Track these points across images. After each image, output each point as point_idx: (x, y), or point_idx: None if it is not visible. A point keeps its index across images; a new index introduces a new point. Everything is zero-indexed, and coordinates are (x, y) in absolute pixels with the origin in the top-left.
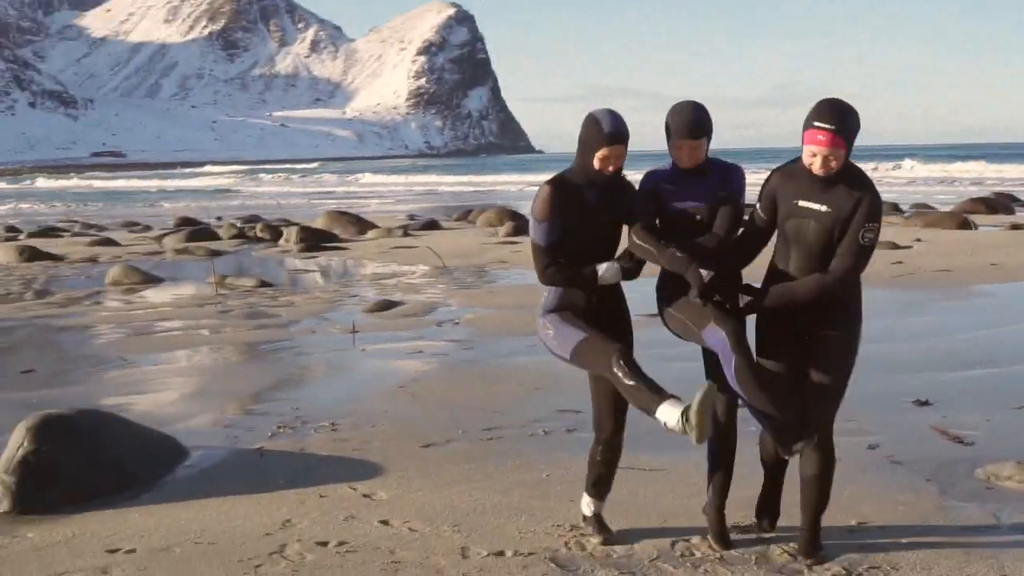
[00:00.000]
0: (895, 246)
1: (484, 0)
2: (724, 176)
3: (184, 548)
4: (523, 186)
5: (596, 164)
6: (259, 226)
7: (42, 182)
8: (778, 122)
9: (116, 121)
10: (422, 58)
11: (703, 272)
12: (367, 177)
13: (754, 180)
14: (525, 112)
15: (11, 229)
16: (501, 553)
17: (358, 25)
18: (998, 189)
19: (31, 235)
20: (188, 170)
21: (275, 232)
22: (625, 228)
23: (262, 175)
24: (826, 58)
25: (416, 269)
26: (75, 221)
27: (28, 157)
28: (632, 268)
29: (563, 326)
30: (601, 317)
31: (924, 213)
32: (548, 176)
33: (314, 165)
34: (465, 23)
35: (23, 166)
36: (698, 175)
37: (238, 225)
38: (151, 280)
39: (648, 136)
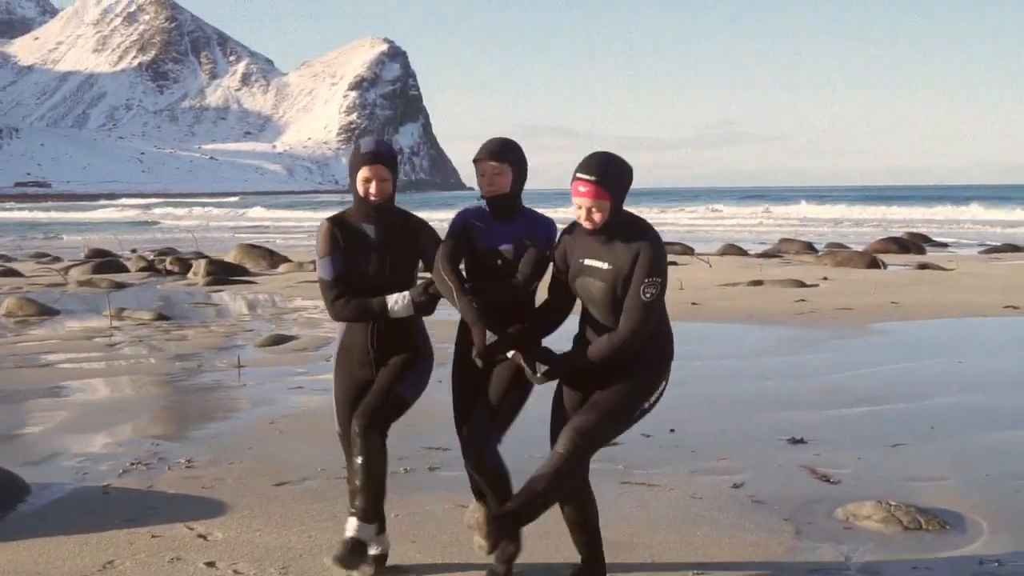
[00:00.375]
0: (801, 284)
1: (417, 37)
2: (533, 224)
3: None
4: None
5: (360, 189)
6: (169, 259)
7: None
8: (704, 161)
9: (41, 151)
10: (353, 93)
11: (488, 334)
12: (287, 212)
13: (673, 220)
14: (456, 149)
15: None
16: None
17: (290, 59)
18: (920, 230)
19: None
20: (111, 202)
21: (184, 265)
22: (422, 265)
23: (185, 208)
24: (755, 100)
25: (319, 304)
26: None
27: None
28: (425, 302)
29: (334, 381)
30: (382, 361)
31: (836, 252)
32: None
33: (234, 199)
34: (397, 59)
35: None
36: (508, 217)
37: (148, 257)
38: (46, 312)
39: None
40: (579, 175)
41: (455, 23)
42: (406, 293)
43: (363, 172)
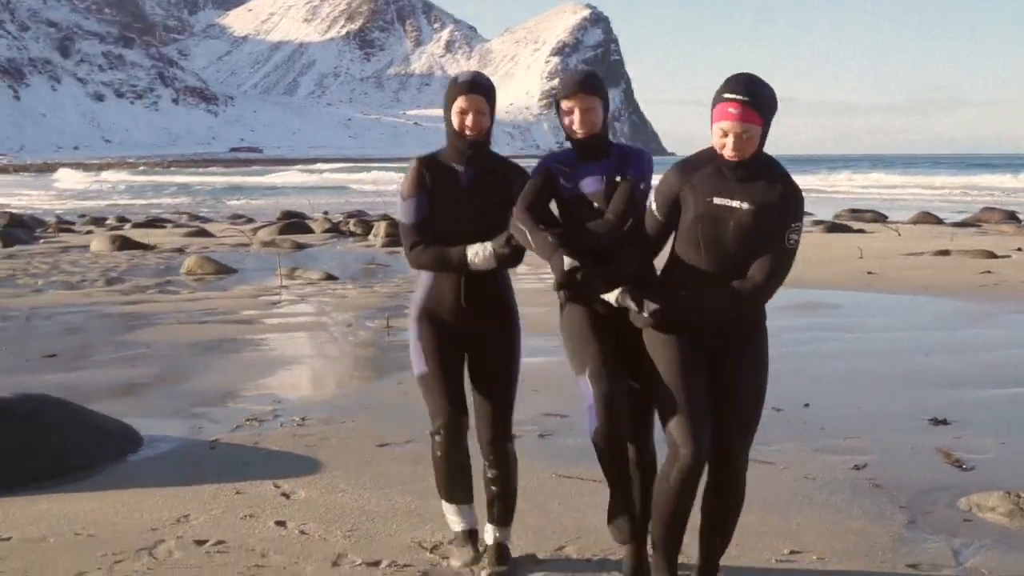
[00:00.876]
0: (992, 255)
1: (619, 2)
2: (623, 160)
3: (59, 539)
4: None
5: (455, 122)
6: (352, 221)
7: (180, 176)
8: (915, 129)
9: (254, 118)
10: (555, 59)
11: (567, 260)
12: None
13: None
14: (657, 113)
15: (121, 219)
16: (376, 563)
17: (493, 26)
18: None
19: (135, 225)
20: (315, 166)
21: (367, 227)
22: None
23: (386, 172)
24: (973, 64)
25: None
26: (184, 213)
27: (170, 151)
28: (509, 254)
29: (416, 344)
30: (475, 318)
31: None
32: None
33: None
34: (599, 24)
35: (163, 159)
36: (596, 157)
37: (335, 220)
38: (224, 271)
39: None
40: (728, 95)
41: None
42: (488, 244)
43: (459, 103)
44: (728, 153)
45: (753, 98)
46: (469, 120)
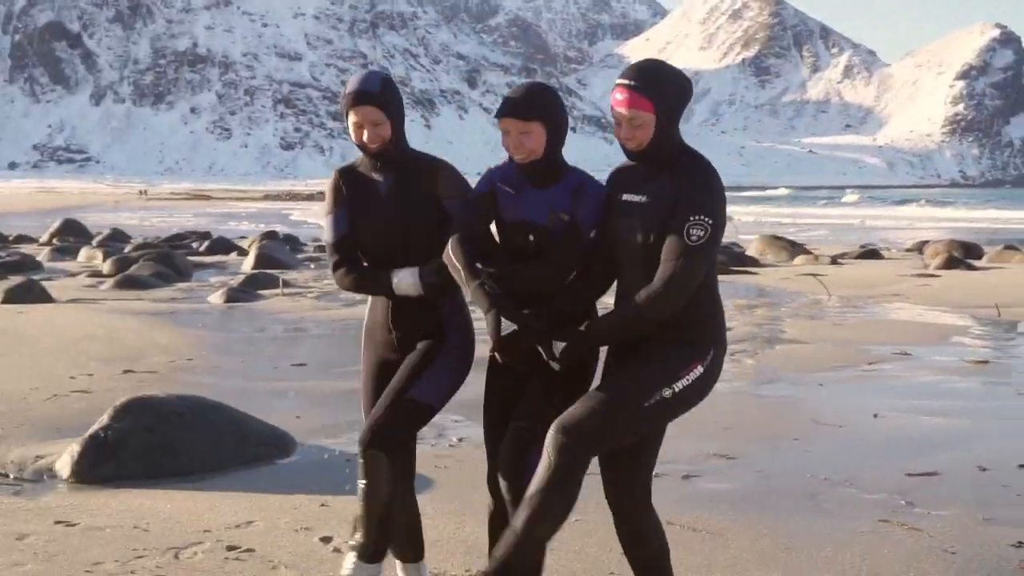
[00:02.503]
0: None
1: None
2: (576, 193)
3: (115, 530)
4: None
5: (354, 136)
6: None
7: None
8: None
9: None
10: (960, 83)
11: (504, 324)
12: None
13: None
14: None
15: None
16: None
17: (894, 49)
18: None
19: None
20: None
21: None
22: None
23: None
24: None
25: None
26: None
27: None
28: (436, 284)
29: (361, 358)
30: (406, 343)
31: None
32: None
33: (824, 193)
34: (1010, 45)
35: None
36: (544, 181)
37: None
38: None
39: None
40: (617, 81)
41: None
42: (416, 269)
43: (351, 116)
44: (622, 142)
45: (642, 83)
46: (365, 135)
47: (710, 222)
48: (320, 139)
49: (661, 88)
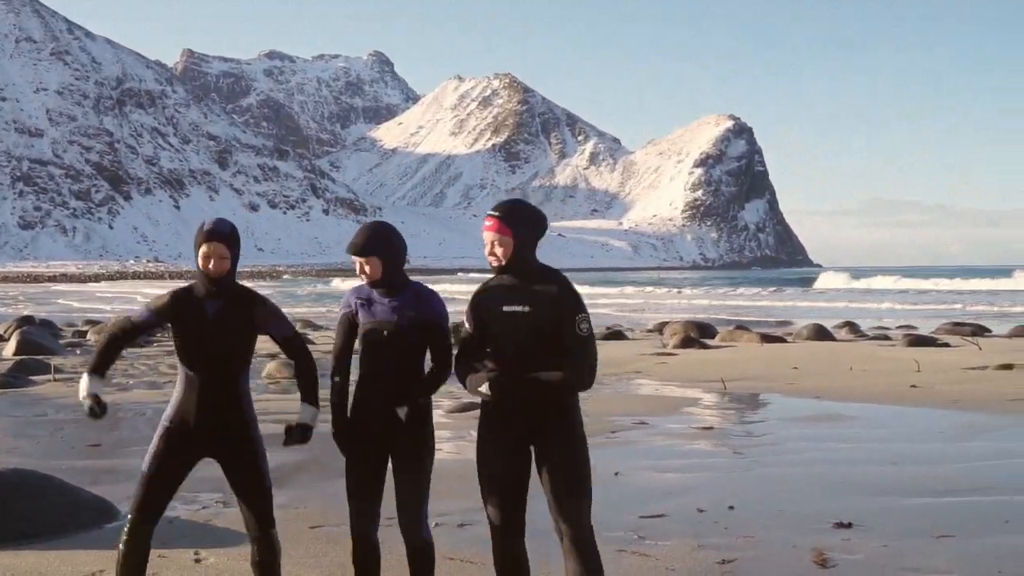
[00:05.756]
0: None
1: (763, 112)
2: (416, 298)
3: None
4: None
5: (200, 263)
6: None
7: (320, 285)
8: None
9: (401, 228)
10: (699, 170)
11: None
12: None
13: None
14: (803, 224)
15: None
16: None
17: (636, 138)
18: None
19: None
20: (457, 275)
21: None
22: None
23: None
24: None
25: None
26: (300, 320)
27: (319, 260)
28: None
29: (153, 445)
30: (216, 438)
31: None
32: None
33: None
34: (743, 135)
35: (312, 268)
36: (391, 292)
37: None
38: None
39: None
40: (488, 212)
41: (798, 99)
42: (309, 406)
43: (203, 248)
44: (490, 260)
45: (505, 214)
46: (212, 265)
47: (587, 317)
48: (63, 218)
49: (521, 220)
